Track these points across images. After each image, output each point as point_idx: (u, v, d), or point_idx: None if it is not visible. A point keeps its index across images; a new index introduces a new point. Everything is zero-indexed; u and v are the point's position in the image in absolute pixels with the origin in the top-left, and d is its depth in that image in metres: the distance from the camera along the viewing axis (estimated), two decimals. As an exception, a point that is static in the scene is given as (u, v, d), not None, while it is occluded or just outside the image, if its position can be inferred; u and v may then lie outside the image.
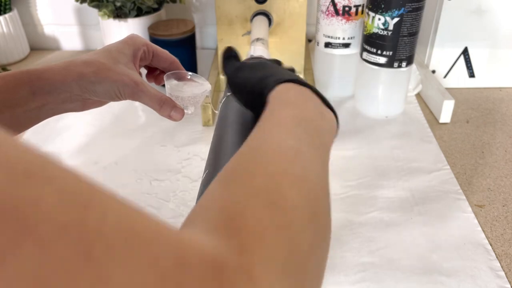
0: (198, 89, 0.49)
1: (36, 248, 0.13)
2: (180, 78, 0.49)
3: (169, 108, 0.45)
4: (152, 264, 0.15)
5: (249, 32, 0.77)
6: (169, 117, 0.45)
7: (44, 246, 0.13)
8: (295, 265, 0.21)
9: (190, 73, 0.50)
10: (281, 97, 0.33)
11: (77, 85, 0.42)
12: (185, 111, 0.46)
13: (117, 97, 0.44)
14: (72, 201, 0.15)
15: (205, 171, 0.38)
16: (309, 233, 0.24)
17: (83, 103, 0.45)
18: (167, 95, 0.46)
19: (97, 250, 0.14)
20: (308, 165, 0.27)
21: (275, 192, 0.23)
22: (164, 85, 0.49)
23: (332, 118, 0.35)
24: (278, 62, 0.46)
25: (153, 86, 0.47)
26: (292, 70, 0.42)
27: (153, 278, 0.15)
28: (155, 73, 0.52)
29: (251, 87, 0.36)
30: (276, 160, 0.26)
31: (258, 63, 0.40)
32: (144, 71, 0.52)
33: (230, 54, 0.43)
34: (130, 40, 0.47)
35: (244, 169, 0.25)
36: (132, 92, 0.44)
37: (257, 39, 0.66)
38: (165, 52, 0.50)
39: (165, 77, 0.48)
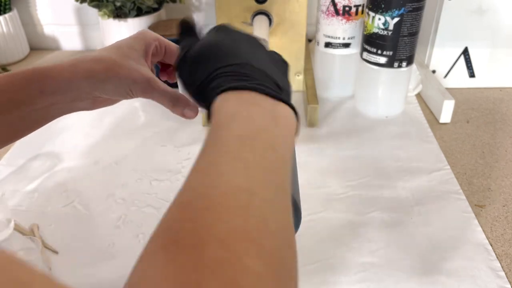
0: None
1: None
2: None
3: (182, 105, 0.42)
4: None
5: (249, 23, 0.77)
6: (183, 115, 0.43)
7: None
8: None
9: None
10: (222, 112, 0.30)
11: (86, 83, 0.40)
12: (199, 108, 0.43)
13: (128, 95, 0.42)
14: None
15: None
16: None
17: (93, 102, 0.43)
18: (180, 91, 0.43)
19: None
20: (266, 209, 0.23)
21: (233, 266, 0.19)
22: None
23: (287, 114, 0.32)
24: (277, 55, 0.44)
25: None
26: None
27: None
28: (168, 69, 0.49)
29: (199, 86, 0.34)
30: (228, 213, 0.22)
31: (211, 45, 0.36)
32: (157, 68, 0.50)
33: (187, 27, 0.40)
34: (141, 35, 0.45)
35: (189, 231, 0.21)
36: (144, 89, 0.42)
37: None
38: (177, 47, 0.48)
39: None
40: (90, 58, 0.41)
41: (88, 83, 0.40)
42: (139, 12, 0.88)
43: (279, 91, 0.33)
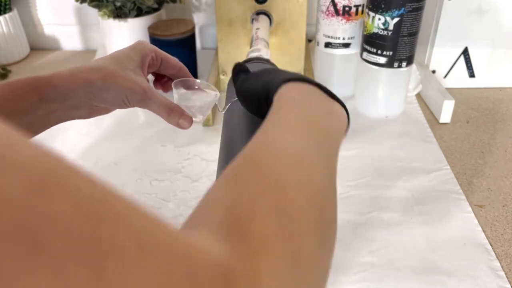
0: (207, 98, 0.48)
1: (49, 267, 0.13)
2: (188, 85, 0.48)
3: (177, 116, 0.44)
4: (164, 276, 0.15)
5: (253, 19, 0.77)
6: (177, 125, 0.44)
7: (57, 265, 0.13)
8: (300, 272, 0.21)
9: (198, 80, 0.49)
10: (285, 97, 0.33)
11: (84, 92, 0.42)
12: (194, 118, 0.45)
13: (125, 104, 0.44)
14: (86, 214, 0.15)
15: (217, 175, 0.38)
16: (314, 240, 0.23)
17: (90, 110, 0.45)
18: (175, 103, 0.45)
19: (109, 267, 0.14)
20: (314, 168, 0.27)
21: (280, 197, 0.23)
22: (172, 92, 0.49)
23: (341, 113, 0.35)
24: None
25: (160, 93, 0.47)
26: None
27: None
28: (162, 80, 0.51)
29: (257, 94, 0.36)
30: (282, 163, 0.26)
31: (262, 71, 0.40)
32: (151, 78, 0.51)
33: (240, 69, 0.42)
34: (138, 46, 0.46)
35: (249, 170, 0.25)
36: (140, 99, 0.43)
37: (257, 40, 0.66)
38: (173, 59, 0.49)
39: (173, 84, 0.47)
40: (89, 68, 0.42)
41: (86, 92, 0.42)
42: (139, 12, 0.88)
43: (329, 90, 0.36)
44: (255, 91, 0.37)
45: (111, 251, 0.14)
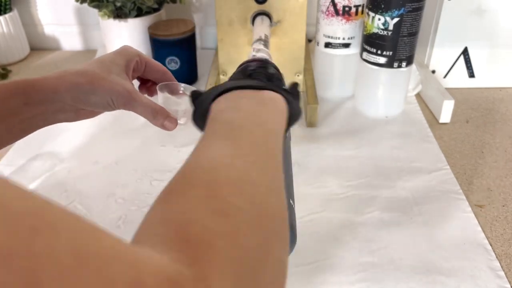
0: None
1: None
2: (172, 89, 0.49)
3: (162, 118, 0.45)
4: (106, 286, 0.15)
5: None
6: (162, 127, 0.45)
7: None
8: (249, 269, 0.21)
9: (182, 84, 0.50)
10: (213, 113, 0.33)
11: (70, 95, 0.42)
12: (178, 121, 0.46)
13: (110, 107, 0.44)
14: (18, 227, 0.14)
15: None
16: (259, 236, 0.23)
17: (76, 114, 0.45)
18: (161, 105, 0.46)
19: (46, 280, 0.14)
20: (248, 166, 0.27)
21: (216, 199, 0.23)
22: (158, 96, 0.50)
23: (273, 97, 0.35)
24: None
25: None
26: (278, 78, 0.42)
27: None
28: (147, 84, 0.52)
29: (202, 117, 0.37)
30: (213, 168, 0.26)
31: (205, 92, 0.39)
32: (136, 83, 0.52)
33: (194, 96, 0.42)
34: (123, 51, 0.47)
35: (181, 184, 0.25)
36: (126, 102, 0.44)
37: (259, 40, 0.66)
38: (157, 63, 0.50)
39: (158, 87, 0.48)
40: (75, 71, 0.43)
41: (72, 95, 0.42)
42: (139, 12, 0.88)
43: (264, 83, 0.37)
44: (200, 115, 0.37)
45: (47, 263, 0.14)
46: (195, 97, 0.38)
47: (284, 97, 0.36)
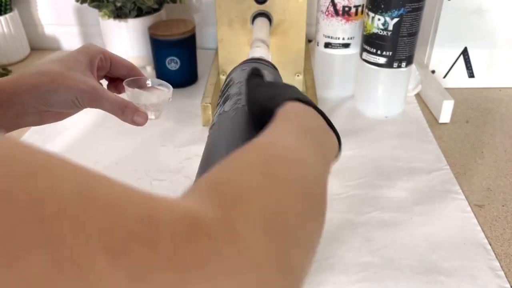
0: (160, 96, 0.48)
1: None
2: (140, 84, 0.48)
3: (131, 112, 0.43)
4: (114, 223, 0.15)
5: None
6: (132, 122, 0.44)
7: None
8: (279, 226, 0.21)
9: (150, 79, 0.49)
10: (287, 112, 0.33)
11: (29, 97, 0.40)
12: (149, 116, 0.45)
13: (76, 106, 0.42)
14: (18, 170, 0.14)
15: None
16: (298, 205, 0.24)
17: (40, 116, 0.43)
18: (128, 99, 0.45)
19: (48, 213, 0.13)
20: (306, 159, 0.28)
21: (266, 165, 0.24)
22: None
23: (334, 140, 0.36)
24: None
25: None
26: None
27: (118, 236, 0.14)
28: (116, 82, 0.50)
29: (263, 104, 0.36)
30: (274, 147, 0.27)
31: (275, 83, 0.40)
32: (105, 83, 0.50)
33: (255, 73, 0.42)
34: (85, 48, 0.45)
35: (241, 152, 0.26)
36: (91, 98, 0.42)
37: (258, 40, 0.66)
38: (123, 59, 0.48)
39: (124, 83, 0.47)
40: (35, 71, 0.41)
41: (32, 96, 0.40)
42: (140, 13, 0.88)
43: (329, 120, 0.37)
44: (263, 100, 0.37)
45: (49, 201, 0.14)
46: (254, 76, 0.39)
47: (339, 142, 0.37)
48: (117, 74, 0.49)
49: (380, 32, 0.70)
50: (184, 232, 0.16)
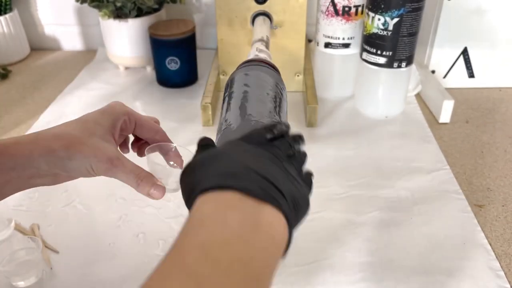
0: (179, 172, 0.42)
1: None
2: (164, 150, 0.45)
3: (148, 186, 0.40)
4: None
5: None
6: (148, 195, 0.40)
7: None
8: None
9: (174, 145, 0.45)
10: (197, 214, 0.27)
11: (44, 161, 0.38)
12: (167, 186, 0.41)
13: (89, 174, 0.40)
14: None
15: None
16: None
17: (53, 178, 0.41)
18: (149, 170, 0.41)
19: None
20: None
21: None
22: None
23: (274, 221, 0.27)
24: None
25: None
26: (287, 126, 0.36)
27: None
28: (139, 142, 0.47)
29: (188, 200, 0.31)
30: None
31: (211, 156, 0.32)
32: (131, 138, 0.48)
33: (204, 143, 0.38)
34: (109, 109, 0.43)
35: None
36: (106, 169, 0.40)
37: (258, 40, 0.66)
38: (149, 122, 0.45)
39: (146, 151, 0.44)
40: (51, 135, 0.40)
41: (47, 161, 0.39)
42: (140, 13, 0.88)
43: (273, 193, 0.28)
44: (187, 195, 0.31)
45: None
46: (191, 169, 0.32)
47: (288, 221, 0.28)
48: (141, 136, 0.46)
49: (380, 32, 0.70)
50: None
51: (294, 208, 0.30)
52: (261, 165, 0.30)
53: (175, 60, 0.86)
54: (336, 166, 0.67)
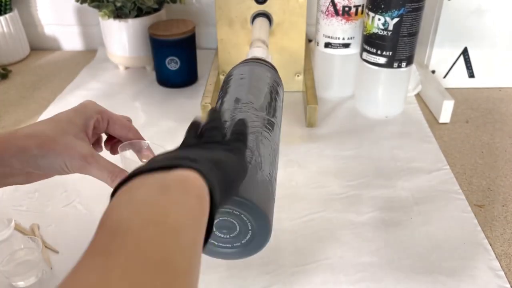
0: None
1: None
2: (137, 149, 0.46)
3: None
4: None
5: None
6: None
7: None
8: None
9: (147, 142, 0.46)
10: (104, 213, 0.27)
11: (17, 160, 0.39)
12: None
13: (64, 171, 0.41)
14: None
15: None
16: None
17: (26, 177, 0.42)
18: (122, 167, 0.42)
19: None
20: None
21: None
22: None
23: (184, 178, 0.28)
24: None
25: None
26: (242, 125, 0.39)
27: None
28: (113, 141, 0.48)
29: None
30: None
31: (174, 154, 0.33)
32: (104, 137, 0.48)
33: (193, 126, 0.39)
34: (82, 108, 0.43)
35: None
36: (80, 166, 0.40)
37: (258, 40, 0.66)
38: (121, 120, 0.46)
39: (119, 148, 0.45)
40: (24, 134, 0.40)
41: (20, 159, 0.39)
42: (140, 13, 0.88)
43: (180, 161, 0.29)
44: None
45: None
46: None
47: (202, 173, 0.29)
48: (113, 135, 0.47)
49: (380, 32, 0.70)
50: None
51: (216, 166, 0.31)
52: (175, 151, 0.33)
53: (175, 60, 0.86)
54: (336, 166, 0.67)
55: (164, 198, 0.26)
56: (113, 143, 0.48)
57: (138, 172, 0.28)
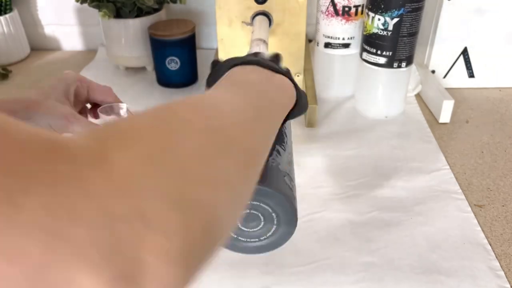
0: None
1: None
2: (116, 112, 0.50)
3: None
4: None
5: (249, 23, 0.77)
6: None
7: None
8: (170, 160, 0.20)
9: (124, 104, 0.50)
10: (224, 78, 0.36)
11: None
12: None
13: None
14: None
15: None
16: (201, 142, 0.22)
17: None
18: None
19: None
20: (224, 103, 0.28)
21: (165, 109, 0.23)
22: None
23: (283, 81, 0.37)
24: (277, 57, 0.46)
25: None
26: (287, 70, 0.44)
27: None
28: (96, 108, 0.52)
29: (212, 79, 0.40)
30: (186, 98, 0.26)
31: (228, 59, 0.42)
32: (88, 106, 0.53)
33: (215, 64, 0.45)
34: (64, 76, 0.49)
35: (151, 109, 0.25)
36: (63, 125, 0.44)
37: (257, 40, 0.66)
38: (100, 86, 0.51)
39: (99, 110, 0.49)
40: (12, 99, 0.44)
41: None
42: (140, 13, 0.88)
43: (279, 68, 0.38)
44: (218, 78, 0.39)
45: None
46: (214, 65, 0.42)
47: (295, 86, 0.38)
48: (94, 100, 0.51)
49: (380, 32, 0.70)
50: (40, 153, 0.16)
51: (296, 86, 0.40)
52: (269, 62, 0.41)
53: (175, 60, 0.86)
54: (336, 166, 0.67)
55: (272, 88, 0.35)
56: (94, 111, 0.52)
57: (249, 62, 0.38)
